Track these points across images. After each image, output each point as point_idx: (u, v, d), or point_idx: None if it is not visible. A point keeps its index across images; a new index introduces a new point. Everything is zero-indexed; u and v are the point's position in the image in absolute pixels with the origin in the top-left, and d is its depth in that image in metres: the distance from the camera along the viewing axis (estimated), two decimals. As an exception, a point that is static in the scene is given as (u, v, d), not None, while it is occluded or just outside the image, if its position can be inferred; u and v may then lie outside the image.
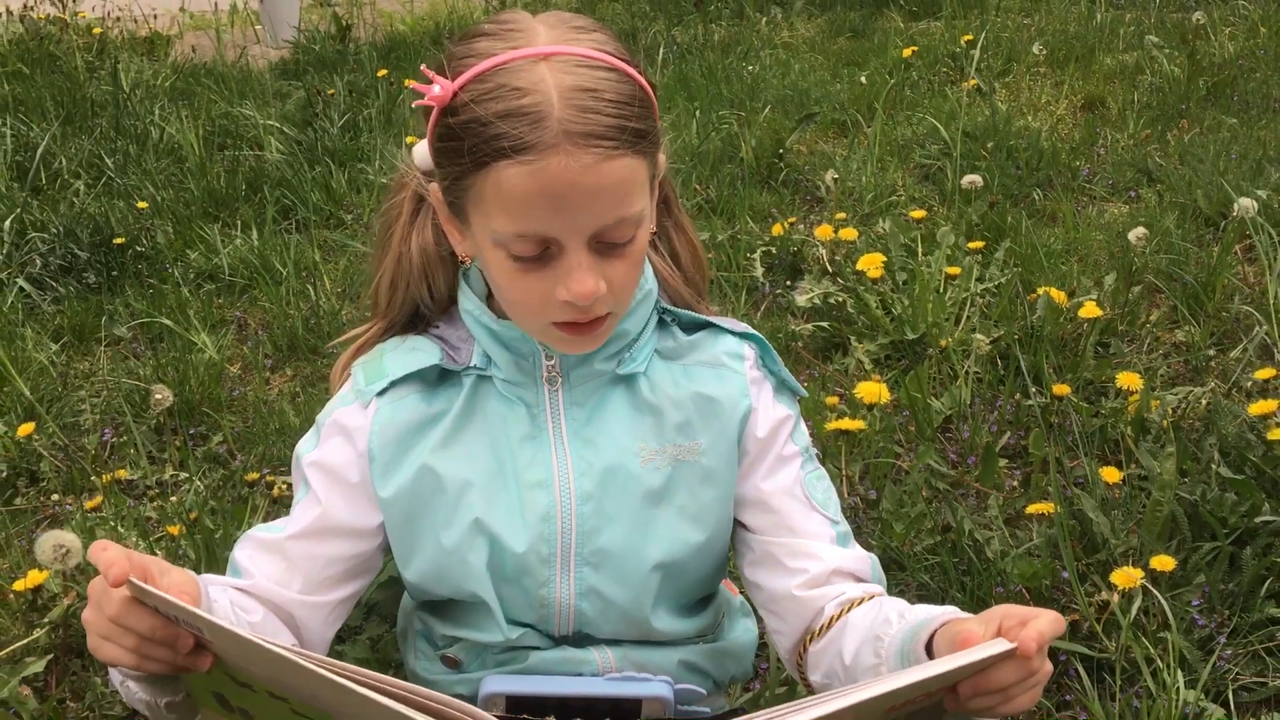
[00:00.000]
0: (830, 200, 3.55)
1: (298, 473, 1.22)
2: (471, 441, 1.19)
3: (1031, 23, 5.43)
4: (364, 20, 6.19)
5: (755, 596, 1.25)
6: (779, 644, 1.24)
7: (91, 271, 3.34)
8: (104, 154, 4.13)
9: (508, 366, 1.19)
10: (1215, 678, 1.74)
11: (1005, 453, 2.34)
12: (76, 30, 5.74)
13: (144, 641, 0.91)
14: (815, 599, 1.18)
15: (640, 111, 1.06)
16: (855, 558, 1.22)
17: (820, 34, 5.70)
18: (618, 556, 1.19)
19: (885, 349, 2.74)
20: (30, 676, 1.81)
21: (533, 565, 1.18)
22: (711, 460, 1.20)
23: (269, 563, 1.17)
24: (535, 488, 1.18)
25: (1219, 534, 1.91)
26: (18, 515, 2.35)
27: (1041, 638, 0.92)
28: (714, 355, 1.23)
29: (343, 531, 1.19)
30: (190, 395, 2.65)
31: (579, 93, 1.02)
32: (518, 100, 1.01)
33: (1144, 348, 2.72)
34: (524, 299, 1.10)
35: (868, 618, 1.13)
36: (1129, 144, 3.92)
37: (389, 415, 1.19)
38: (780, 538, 1.21)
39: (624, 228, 1.06)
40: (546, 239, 1.05)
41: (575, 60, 1.04)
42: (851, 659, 1.11)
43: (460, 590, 1.20)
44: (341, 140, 4.22)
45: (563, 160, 1.00)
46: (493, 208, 1.04)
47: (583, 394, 1.20)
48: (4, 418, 2.59)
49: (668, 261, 1.27)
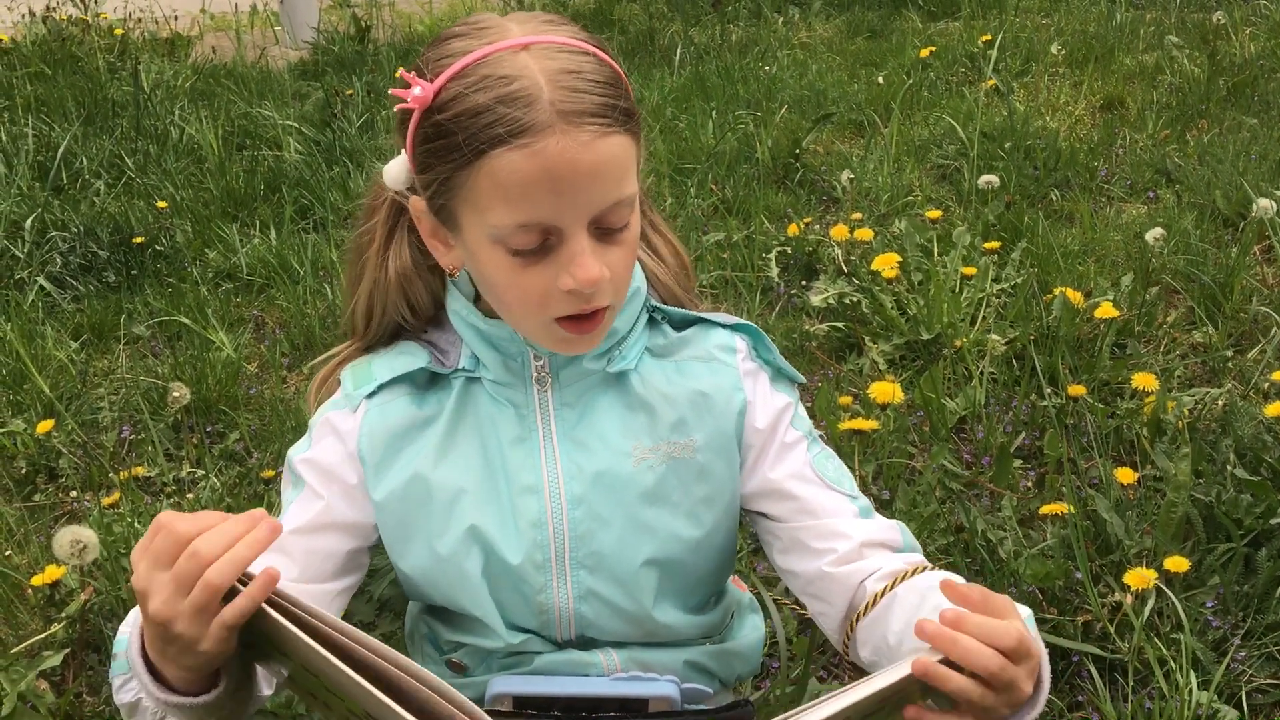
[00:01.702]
0: (846, 201, 3.54)
1: (289, 473, 1.21)
2: (464, 447, 1.18)
3: (1050, 23, 5.40)
4: (383, 21, 6.21)
5: (792, 584, 1.24)
6: (825, 625, 1.23)
7: (111, 270, 3.37)
8: (124, 154, 4.16)
9: (496, 367, 1.18)
10: (1229, 679, 1.73)
11: (1020, 454, 2.33)
12: (98, 31, 5.78)
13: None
14: (851, 574, 1.17)
15: (624, 93, 1.07)
16: (883, 527, 1.21)
17: (838, 34, 5.69)
18: (612, 558, 1.17)
19: (900, 349, 2.74)
20: (47, 670, 1.83)
21: (528, 573, 1.17)
22: (707, 456, 1.19)
23: (267, 558, 1.15)
24: (525, 493, 1.17)
25: (1234, 535, 1.90)
26: (36, 511, 2.37)
27: (950, 651, 0.90)
28: (705, 350, 1.22)
29: (343, 527, 1.19)
30: (208, 393, 2.67)
31: (565, 74, 1.02)
32: (506, 87, 1.01)
33: (1161, 349, 2.70)
34: (524, 296, 1.08)
35: (916, 594, 1.10)
36: (1148, 144, 3.90)
37: (377, 418, 1.18)
38: (803, 521, 1.20)
39: (621, 211, 1.06)
40: (547, 227, 1.04)
41: (555, 47, 1.05)
42: (896, 639, 1.09)
43: (453, 602, 1.19)
44: (360, 140, 4.24)
45: (559, 140, 1.00)
46: (489, 201, 1.03)
47: (573, 394, 1.18)
48: (24, 415, 2.61)
49: (655, 258, 1.26)
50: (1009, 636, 0.91)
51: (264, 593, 0.90)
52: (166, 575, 0.90)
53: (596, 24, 6.03)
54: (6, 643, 1.96)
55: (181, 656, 0.93)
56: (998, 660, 0.90)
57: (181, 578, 0.90)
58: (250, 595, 0.90)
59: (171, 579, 0.90)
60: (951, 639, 0.90)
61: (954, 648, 0.90)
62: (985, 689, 0.91)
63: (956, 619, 0.92)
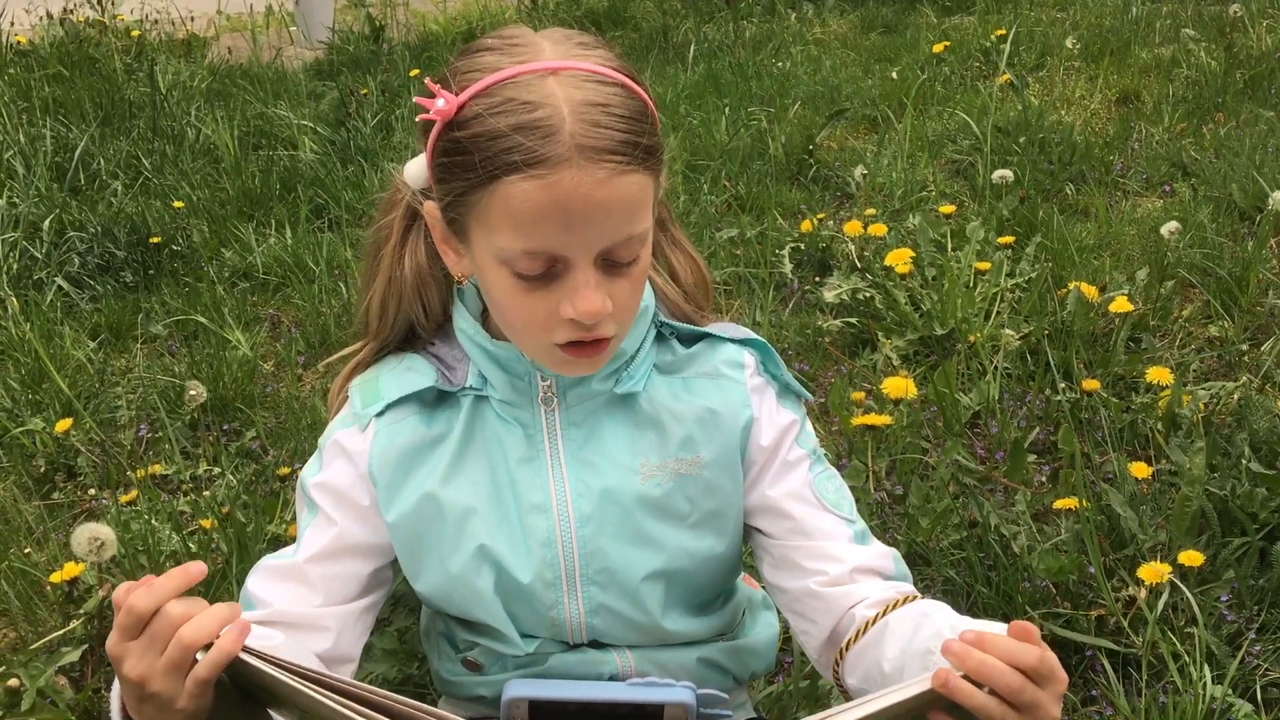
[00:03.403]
0: (860, 196, 3.54)
1: (302, 497, 1.21)
2: (473, 466, 1.18)
3: (1066, 16, 5.38)
4: (397, 20, 6.23)
5: (779, 600, 1.24)
6: (807, 645, 1.23)
7: (128, 270, 3.39)
8: (141, 154, 4.18)
9: (503, 387, 1.18)
10: (1243, 673, 1.73)
11: (1034, 448, 2.33)
12: (115, 33, 5.82)
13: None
14: (839, 596, 1.17)
15: (649, 128, 1.05)
16: (875, 554, 1.20)
17: (852, 30, 5.68)
18: (622, 573, 1.18)
19: (913, 345, 2.73)
20: (66, 666, 1.84)
21: (539, 590, 1.17)
22: (713, 473, 1.19)
23: (286, 589, 1.17)
24: (534, 511, 1.17)
25: (1249, 529, 1.90)
26: (55, 509, 2.39)
27: (968, 666, 0.90)
28: (713, 366, 1.21)
29: (360, 550, 1.19)
30: (224, 392, 2.69)
31: (590, 107, 1.01)
32: (529, 114, 1.00)
33: (1176, 343, 2.69)
34: (527, 318, 1.07)
35: (909, 624, 1.10)
36: (1163, 138, 3.88)
37: (388, 439, 1.18)
38: (796, 541, 1.20)
39: (631, 246, 1.05)
40: (554, 256, 1.03)
41: (584, 75, 1.03)
42: (893, 668, 1.09)
43: (469, 614, 1.20)
44: (374, 140, 4.26)
45: (575, 175, 0.99)
46: (499, 224, 1.02)
47: (580, 414, 1.18)
48: (43, 414, 2.63)
49: (665, 278, 1.25)
50: (1030, 656, 0.91)
51: (236, 644, 0.92)
52: (138, 641, 0.93)
53: (610, 21, 6.03)
54: (26, 639, 1.97)
55: (159, 715, 0.95)
56: (1018, 679, 0.90)
57: (155, 637, 0.92)
58: (221, 648, 0.91)
59: (145, 639, 0.93)
60: (966, 652, 0.91)
61: (972, 662, 0.91)
62: (1006, 708, 0.91)
63: (979, 638, 0.92)
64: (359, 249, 3.50)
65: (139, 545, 2.08)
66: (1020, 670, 0.91)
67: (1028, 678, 0.91)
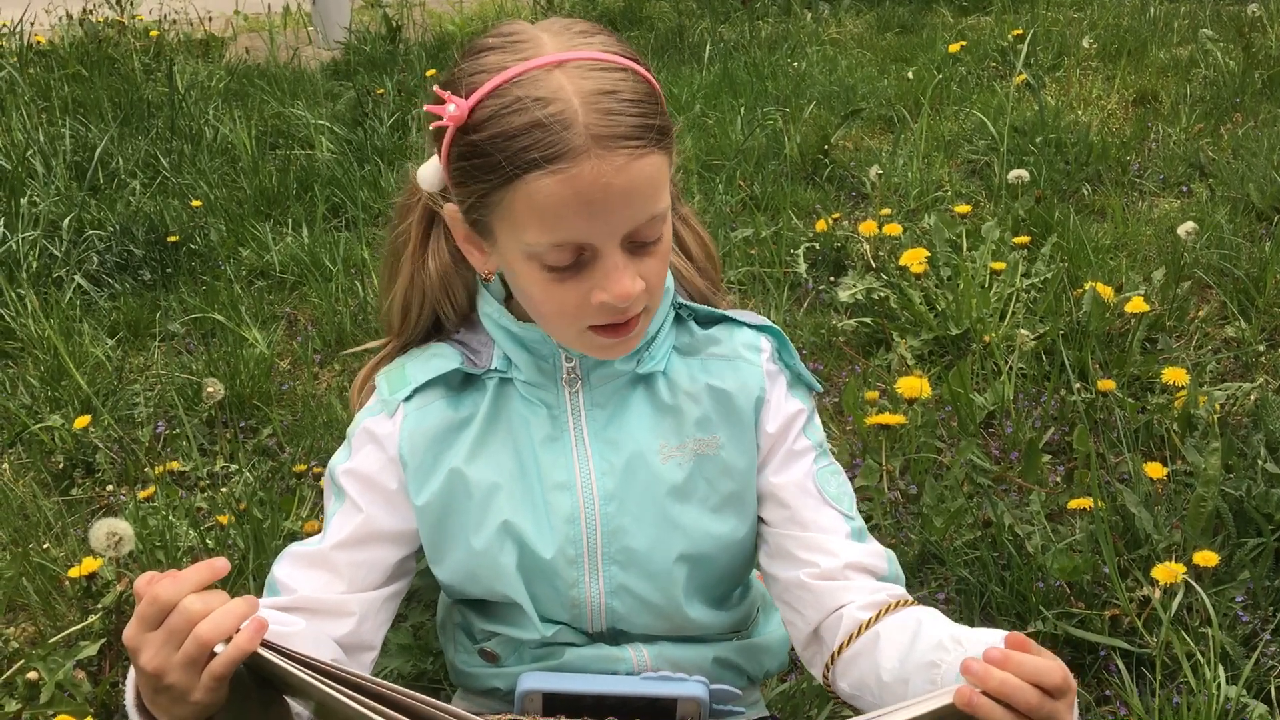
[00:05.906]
0: (875, 196, 3.54)
1: (331, 484, 1.23)
2: (498, 446, 1.20)
3: (1083, 16, 5.37)
4: (413, 21, 6.25)
5: (771, 588, 1.26)
6: (793, 635, 1.24)
7: (147, 269, 3.41)
8: (159, 154, 4.21)
9: (528, 368, 1.20)
10: (1258, 674, 1.72)
11: (1049, 449, 2.32)
12: (134, 33, 5.86)
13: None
14: (828, 591, 1.18)
15: (658, 108, 1.06)
16: (870, 552, 1.21)
17: (868, 30, 5.67)
18: (644, 554, 1.19)
19: (928, 344, 2.73)
20: (84, 660, 1.86)
21: (561, 567, 1.19)
22: (730, 453, 1.21)
23: (312, 575, 1.18)
24: (558, 489, 1.18)
25: (1264, 530, 1.89)
26: (74, 505, 2.41)
27: (990, 686, 0.91)
28: (731, 348, 1.23)
29: (386, 537, 1.20)
30: (241, 389, 2.71)
31: (600, 96, 1.02)
32: (541, 110, 1.01)
33: (1192, 343, 2.69)
34: (559, 308, 1.09)
35: (905, 632, 1.11)
36: (1181, 138, 3.87)
37: (417, 421, 1.20)
38: (793, 531, 1.21)
39: (654, 225, 1.07)
40: (581, 245, 1.05)
41: (589, 64, 1.04)
42: (893, 678, 1.09)
43: (493, 591, 1.21)
44: (390, 139, 4.27)
45: (594, 165, 1.00)
46: (524, 220, 1.04)
47: (603, 395, 1.20)
48: (62, 410, 2.65)
49: (682, 256, 1.27)
50: (1055, 675, 0.92)
51: (252, 641, 0.93)
52: (156, 633, 0.94)
53: (626, 21, 6.04)
54: (45, 633, 1.99)
55: (174, 707, 0.96)
56: (1036, 695, 0.91)
57: (173, 631, 0.93)
58: (238, 645, 0.93)
59: (163, 632, 0.94)
60: (987, 672, 0.92)
61: (993, 682, 0.91)
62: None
63: (1003, 658, 0.93)
64: (376, 248, 3.52)
65: (156, 541, 2.10)
66: (1043, 688, 0.92)
67: (1046, 694, 0.92)
